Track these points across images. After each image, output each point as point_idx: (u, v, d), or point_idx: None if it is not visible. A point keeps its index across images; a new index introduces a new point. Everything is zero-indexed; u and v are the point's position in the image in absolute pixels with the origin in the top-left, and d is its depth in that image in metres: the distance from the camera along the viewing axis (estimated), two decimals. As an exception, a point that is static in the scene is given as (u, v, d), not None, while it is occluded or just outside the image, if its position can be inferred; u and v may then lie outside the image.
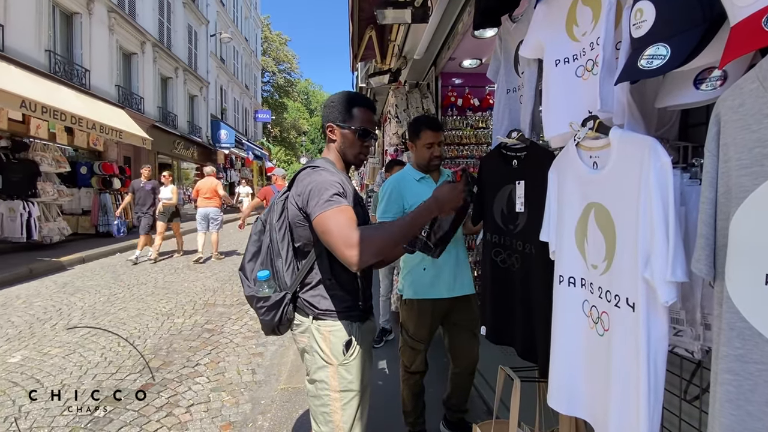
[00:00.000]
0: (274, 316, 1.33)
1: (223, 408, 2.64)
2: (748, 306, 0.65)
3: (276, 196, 1.43)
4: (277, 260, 1.36)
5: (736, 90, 0.68)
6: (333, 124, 1.40)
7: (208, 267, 7.07)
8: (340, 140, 1.40)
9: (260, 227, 1.43)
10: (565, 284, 1.10)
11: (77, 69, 10.13)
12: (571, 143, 1.08)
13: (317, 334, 1.33)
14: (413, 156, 2.14)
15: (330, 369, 1.32)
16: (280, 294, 1.33)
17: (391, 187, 2.10)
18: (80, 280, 6.09)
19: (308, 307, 1.35)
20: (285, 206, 1.36)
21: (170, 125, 14.95)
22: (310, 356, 1.36)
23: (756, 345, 0.64)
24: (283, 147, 37.00)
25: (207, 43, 18.87)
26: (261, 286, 1.35)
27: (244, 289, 1.40)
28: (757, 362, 0.64)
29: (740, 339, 0.66)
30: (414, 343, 2.11)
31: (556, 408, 1.12)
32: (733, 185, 0.67)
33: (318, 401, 1.35)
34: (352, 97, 1.43)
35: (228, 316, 4.45)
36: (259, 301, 1.34)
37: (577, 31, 1.15)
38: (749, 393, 0.64)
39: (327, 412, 1.33)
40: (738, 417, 0.65)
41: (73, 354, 3.39)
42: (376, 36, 4.01)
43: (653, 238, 0.81)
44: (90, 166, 10.31)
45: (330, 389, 1.32)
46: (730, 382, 0.66)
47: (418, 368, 2.15)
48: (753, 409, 0.64)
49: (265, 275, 1.34)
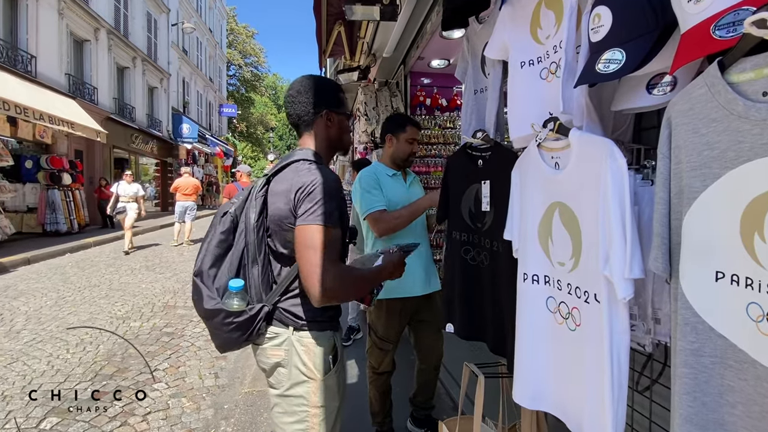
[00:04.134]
0: (242, 334, 1.15)
1: (184, 415, 2.52)
2: (701, 302, 0.69)
3: (254, 190, 1.23)
4: (253, 267, 1.18)
5: (686, 95, 0.71)
6: (330, 110, 1.28)
7: (168, 267, 6.76)
8: (336, 127, 1.30)
9: (228, 225, 1.21)
10: (529, 281, 1.13)
11: (22, 55, 9.38)
12: (533, 144, 1.10)
13: (299, 346, 1.18)
14: (390, 150, 2.12)
15: (311, 384, 1.19)
16: (256, 307, 1.15)
17: (372, 179, 2.03)
18: (24, 282, 5.65)
19: (288, 317, 1.19)
20: (265, 203, 1.19)
21: (127, 118, 14.16)
22: (285, 370, 1.20)
23: (709, 339, 0.67)
24: (250, 143, 35.98)
25: (168, 33, 17.99)
26: (230, 299, 1.13)
27: (204, 301, 1.14)
28: (711, 356, 0.67)
29: (694, 333, 0.69)
30: (383, 343, 2.10)
31: (521, 403, 1.14)
32: (684, 186, 0.71)
33: (291, 418, 1.20)
34: (335, 83, 1.38)
35: (189, 318, 4.27)
36: (228, 317, 1.12)
37: (541, 33, 1.18)
38: (704, 385, 0.68)
39: (303, 429, 1.19)
40: (695, 408, 0.68)
41: (16, 363, 3.14)
42: (345, 32, 3.96)
43: (611, 237, 0.84)
44: (36, 160, 9.59)
45: (309, 405, 1.19)
46: (686, 375, 0.70)
47: (386, 368, 2.15)
48: (708, 401, 0.67)
49: (239, 285, 1.14)
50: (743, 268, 0.63)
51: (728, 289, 0.65)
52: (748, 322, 0.62)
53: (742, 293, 0.63)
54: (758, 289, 0.61)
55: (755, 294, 0.61)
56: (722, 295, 0.66)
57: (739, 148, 0.62)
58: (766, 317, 0.60)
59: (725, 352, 0.65)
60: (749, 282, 0.62)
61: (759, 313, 0.61)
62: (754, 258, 0.61)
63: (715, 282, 0.66)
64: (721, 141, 0.65)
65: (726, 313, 0.65)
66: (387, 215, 1.93)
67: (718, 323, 0.66)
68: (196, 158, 20.15)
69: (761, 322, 0.61)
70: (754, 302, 0.61)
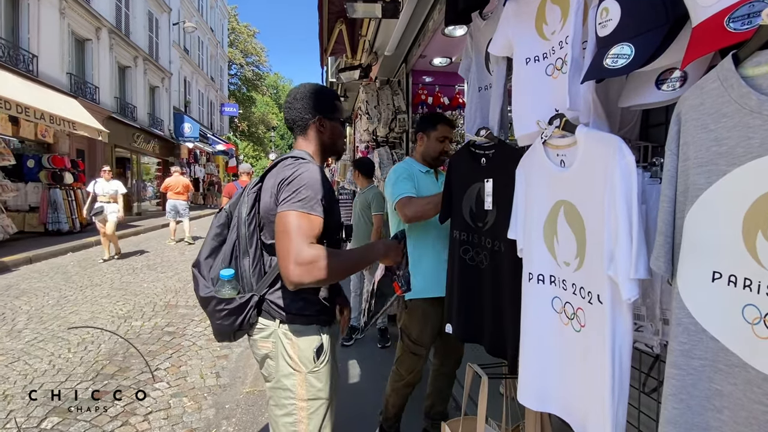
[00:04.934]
0: (234, 320, 1.22)
1: (185, 414, 2.51)
2: (695, 302, 0.67)
3: (247, 187, 1.32)
4: (244, 258, 1.26)
5: (697, 89, 0.69)
6: (323, 117, 1.36)
7: (169, 266, 6.76)
8: (329, 132, 1.38)
9: (224, 220, 1.32)
10: (534, 281, 1.11)
11: (24, 54, 9.38)
12: (539, 141, 1.08)
13: (284, 339, 1.24)
14: (421, 148, 2.08)
15: (297, 377, 1.24)
16: (246, 296, 1.22)
17: (406, 171, 2.00)
18: (26, 281, 5.65)
19: (275, 309, 1.24)
20: (257, 198, 1.26)
21: (129, 117, 14.16)
22: (274, 362, 1.26)
23: (700, 341, 0.66)
24: (251, 142, 35.96)
25: (170, 32, 17.99)
26: (222, 287, 1.22)
27: (199, 289, 1.25)
28: (701, 358, 0.65)
29: (686, 334, 0.67)
30: (416, 348, 1.97)
31: (527, 404, 1.12)
32: (690, 184, 0.69)
33: (281, 410, 1.26)
34: (332, 91, 1.47)
35: (191, 317, 4.26)
36: (220, 304, 1.21)
37: (546, 29, 1.16)
38: (691, 387, 0.66)
39: (291, 422, 1.24)
40: (680, 411, 0.67)
41: (17, 362, 3.13)
42: (347, 30, 3.95)
43: (617, 236, 0.82)
44: (38, 159, 9.57)
45: (296, 398, 1.24)
46: (675, 376, 0.68)
47: (415, 379, 2.03)
48: (694, 404, 0.66)
49: (230, 274, 1.23)
50: (743, 268, 0.61)
51: (725, 290, 0.63)
52: (743, 324, 0.60)
53: (739, 294, 0.61)
54: (757, 290, 0.59)
55: (753, 295, 0.60)
56: (718, 296, 0.64)
57: (749, 144, 0.61)
58: (764, 320, 0.58)
59: (716, 355, 0.64)
60: (748, 283, 0.60)
61: (755, 316, 0.59)
62: (755, 258, 0.60)
63: (712, 282, 0.64)
64: (731, 137, 0.63)
65: (720, 314, 0.64)
66: (417, 199, 1.87)
67: (712, 325, 0.65)
68: (197, 157, 20.17)
69: (757, 325, 0.59)
70: (752, 304, 0.60)
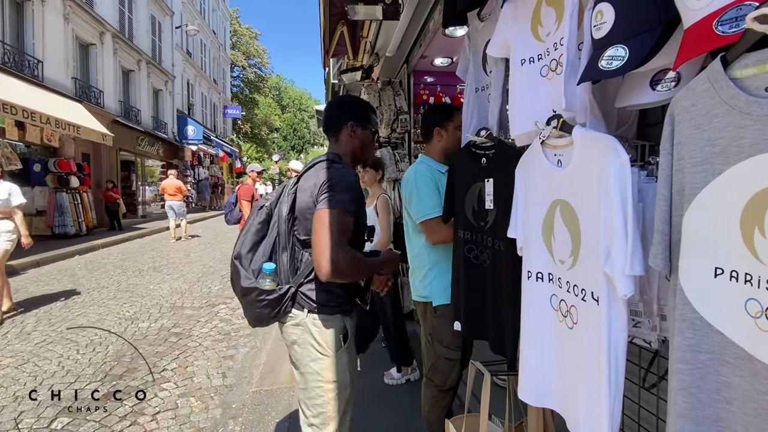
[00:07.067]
0: (272, 310, 1.33)
1: (192, 414, 2.55)
2: (699, 298, 0.69)
3: (287, 188, 1.44)
4: (283, 253, 1.37)
5: (689, 91, 0.70)
6: (355, 123, 1.47)
7: (175, 268, 6.82)
8: (359, 139, 1.49)
9: (264, 217, 1.42)
10: (533, 279, 1.13)
11: (29, 60, 9.49)
12: (537, 142, 1.10)
13: (312, 327, 1.35)
14: (440, 144, 1.89)
15: (325, 360, 1.36)
16: (284, 288, 1.34)
17: (430, 181, 1.82)
18: (34, 284, 5.73)
19: (306, 300, 1.36)
20: (295, 199, 1.37)
21: (133, 120, 14.28)
22: (301, 349, 1.37)
23: (706, 335, 0.67)
24: (255, 144, 36.12)
25: (172, 36, 18.11)
26: (264, 279, 1.33)
27: (241, 279, 1.34)
28: (708, 352, 0.67)
29: (691, 329, 0.69)
30: (450, 352, 1.85)
31: (527, 400, 1.14)
32: (686, 183, 0.70)
33: (309, 393, 1.37)
34: (366, 103, 1.61)
35: (197, 318, 4.30)
36: (261, 294, 1.32)
37: (541, 31, 1.17)
38: (700, 381, 0.68)
39: (319, 404, 1.36)
40: (690, 404, 0.68)
41: (27, 364, 3.19)
42: (348, 32, 3.96)
43: (613, 233, 0.84)
44: (44, 164, 9.69)
45: (323, 380, 1.36)
46: (683, 371, 0.70)
47: (453, 384, 1.89)
48: (704, 397, 0.67)
49: (272, 268, 1.34)
50: (743, 264, 0.63)
51: (727, 286, 0.65)
52: (746, 318, 0.62)
53: (741, 289, 0.63)
54: (757, 285, 0.61)
55: (754, 290, 0.61)
56: (721, 291, 0.65)
57: (741, 144, 0.62)
58: (765, 313, 0.60)
59: (723, 349, 0.65)
60: (748, 278, 0.62)
61: (757, 309, 0.61)
62: (753, 254, 0.61)
63: (714, 278, 0.66)
64: (723, 137, 0.65)
65: (724, 309, 0.65)
66: (444, 228, 1.73)
67: (716, 319, 0.66)
68: (201, 159, 20.28)
69: (759, 318, 0.60)
70: (753, 298, 0.61)
